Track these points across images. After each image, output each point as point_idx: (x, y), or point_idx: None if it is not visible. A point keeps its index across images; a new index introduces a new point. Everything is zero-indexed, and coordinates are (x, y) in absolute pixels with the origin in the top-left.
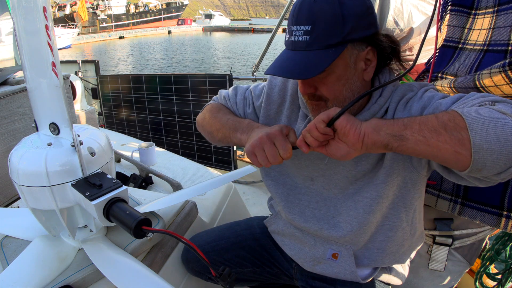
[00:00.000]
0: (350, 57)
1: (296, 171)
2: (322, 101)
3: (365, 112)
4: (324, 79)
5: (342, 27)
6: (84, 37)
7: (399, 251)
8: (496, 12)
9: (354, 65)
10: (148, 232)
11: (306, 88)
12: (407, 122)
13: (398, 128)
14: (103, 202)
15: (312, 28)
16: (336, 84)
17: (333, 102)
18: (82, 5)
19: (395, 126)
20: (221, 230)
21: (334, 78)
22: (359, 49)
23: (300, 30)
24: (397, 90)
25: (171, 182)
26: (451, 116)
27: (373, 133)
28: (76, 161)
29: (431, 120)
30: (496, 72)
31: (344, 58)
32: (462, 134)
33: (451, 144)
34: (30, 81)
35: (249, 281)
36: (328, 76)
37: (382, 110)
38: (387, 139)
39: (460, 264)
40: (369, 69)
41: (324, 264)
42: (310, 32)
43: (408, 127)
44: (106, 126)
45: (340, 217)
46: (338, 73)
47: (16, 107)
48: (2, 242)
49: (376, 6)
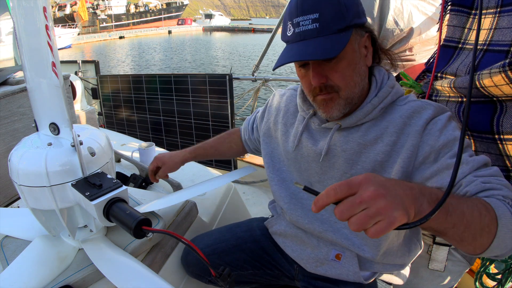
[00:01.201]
0: (355, 42)
1: (298, 175)
2: (334, 92)
3: (358, 112)
4: (335, 66)
5: (346, 13)
6: (84, 37)
7: (401, 257)
8: (498, 13)
9: (359, 50)
10: (148, 232)
11: (319, 78)
12: (457, 221)
13: (446, 226)
14: (103, 202)
15: (320, 15)
16: (347, 70)
17: (345, 91)
18: (82, 5)
19: (444, 224)
20: (221, 233)
21: (345, 64)
22: (360, 35)
23: (308, 19)
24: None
25: (171, 182)
26: (491, 219)
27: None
28: (76, 161)
29: (475, 223)
30: (496, 72)
31: (351, 43)
32: (489, 240)
33: (474, 247)
34: (30, 81)
35: (249, 283)
36: (340, 62)
37: (375, 111)
38: (428, 230)
39: (460, 264)
40: (368, 55)
41: (327, 265)
42: (319, 19)
43: (456, 227)
44: (106, 126)
45: (342, 223)
46: (348, 58)
47: (16, 107)
48: (2, 242)
49: (376, 6)
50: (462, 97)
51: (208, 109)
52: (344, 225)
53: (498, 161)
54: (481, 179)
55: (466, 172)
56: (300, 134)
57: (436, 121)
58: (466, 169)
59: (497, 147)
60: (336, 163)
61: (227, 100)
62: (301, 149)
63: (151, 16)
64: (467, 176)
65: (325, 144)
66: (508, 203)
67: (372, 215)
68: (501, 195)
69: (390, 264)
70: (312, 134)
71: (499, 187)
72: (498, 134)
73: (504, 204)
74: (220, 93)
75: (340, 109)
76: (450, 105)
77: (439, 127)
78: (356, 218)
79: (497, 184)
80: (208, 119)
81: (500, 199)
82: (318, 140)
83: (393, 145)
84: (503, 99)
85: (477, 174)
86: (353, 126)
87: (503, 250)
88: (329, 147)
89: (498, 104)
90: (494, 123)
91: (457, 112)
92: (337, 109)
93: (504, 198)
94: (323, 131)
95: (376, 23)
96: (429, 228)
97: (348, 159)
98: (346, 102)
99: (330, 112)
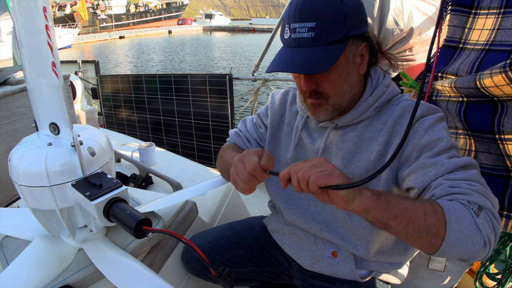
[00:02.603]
0: (350, 52)
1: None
2: (323, 99)
3: (353, 111)
4: (326, 75)
5: (344, 24)
6: (84, 37)
7: (398, 253)
8: (502, 14)
9: (353, 60)
10: (148, 232)
11: (309, 84)
12: (398, 213)
13: (387, 216)
14: (103, 202)
15: (317, 24)
16: (338, 80)
17: (334, 98)
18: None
19: (385, 213)
20: (221, 230)
21: (337, 74)
22: (357, 45)
23: (304, 27)
24: (400, 104)
25: (171, 182)
26: (438, 221)
27: (362, 212)
28: (76, 161)
29: (419, 220)
30: (496, 72)
31: (346, 54)
32: (437, 241)
33: (423, 245)
34: (30, 81)
35: (249, 280)
36: (331, 72)
37: (370, 110)
38: (371, 220)
39: (460, 264)
40: (363, 63)
41: (323, 263)
42: (315, 28)
43: (397, 218)
44: (106, 126)
45: (338, 223)
46: (340, 69)
47: (16, 107)
48: (2, 242)
49: (376, 6)
50: (463, 96)
51: (208, 109)
52: (339, 225)
53: (498, 161)
54: (449, 183)
55: (439, 174)
56: (299, 133)
57: (423, 120)
58: (440, 171)
59: (497, 147)
60: (333, 161)
61: (227, 100)
62: (301, 147)
63: (151, 16)
64: (438, 179)
65: (322, 143)
66: (471, 209)
67: (317, 166)
68: (466, 200)
69: (387, 263)
70: (310, 133)
71: (467, 192)
72: (499, 134)
73: (467, 209)
74: (220, 93)
75: (327, 114)
76: (450, 105)
77: (425, 127)
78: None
79: (466, 189)
80: (208, 119)
81: (464, 203)
82: (316, 139)
83: (385, 144)
84: (503, 99)
85: (449, 177)
86: (350, 125)
87: (462, 255)
88: (325, 146)
89: (499, 104)
90: (495, 123)
91: (458, 112)
92: (324, 114)
93: (469, 203)
94: (320, 130)
95: (376, 23)
96: (372, 218)
97: (344, 158)
98: (334, 108)
99: (317, 115)
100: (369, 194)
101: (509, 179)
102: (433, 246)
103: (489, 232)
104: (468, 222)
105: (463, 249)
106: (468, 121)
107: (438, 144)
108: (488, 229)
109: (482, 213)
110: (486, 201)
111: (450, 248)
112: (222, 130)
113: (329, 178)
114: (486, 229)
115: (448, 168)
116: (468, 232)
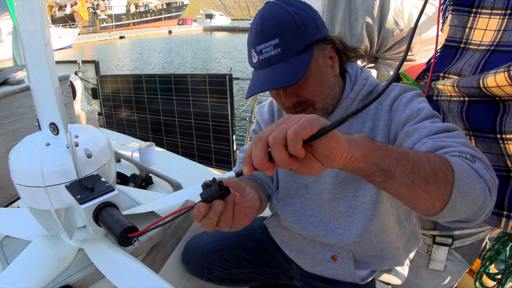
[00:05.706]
0: (319, 57)
1: (291, 180)
2: (309, 106)
3: (338, 109)
4: (304, 84)
5: (305, 32)
6: (84, 37)
7: (397, 253)
8: (509, 15)
9: (324, 64)
10: (134, 241)
11: (290, 98)
12: (400, 157)
13: (389, 161)
14: (93, 206)
15: (280, 40)
16: (316, 85)
17: (319, 103)
18: (83, 5)
19: (386, 158)
20: (221, 231)
21: (313, 80)
22: (323, 48)
23: (269, 46)
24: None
25: (171, 182)
26: (443, 164)
27: (361, 159)
28: (72, 163)
29: (424, 164)
30: (500, 72)
31: (315, 59)
32: (447, 188)
33: (432, 197)
34: (33, 81)
35: (249, 281)
36: (307, 80)
37: (354, 104)
38: (372, 170)
39: (460, 264)
40: (334, 64)
41: (323, 266)
42: (279, 44)
43: (401, 163)
44: (106, 126)
45: (337, 223)
46: (315, 74)
47: (16, 107)
48: (2, 242)
49: (376, 6)
50: (464, 96)
51: (208, 109)
52: (338, 225)
53: (499, 161)
54: (434, 141)
55: (422, 136)
56: None
57: (401, 98)
58: (423, 133)
59: (498, 146)
60: None
61: (227, 100)
62: None
63: (152, 16)
64: (422, 139)
65: None
66: (465, 157)
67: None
68: (456, 151)
69: (387, 263)
70: None
71: (454, 145)
72: (501, 134)
73: (461, 158)
74: (220, 93)
75: None
76: (452, 105)
77: (404, 102)
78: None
79: (452, 143)
80: (208, 119)
81: (455, 155)
82: None
83: (371, 131)
84: (506, 99)
85: (433, 138)
86: None
87: (471, 207)
88: None
89: (501, 103)
90: (497, 122)
91: (460, 111)
92: None
93: (460, 153)
94: None
95: (376, 23)
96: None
97: None
98: (323, 112)
99: None
100: (361, 135)
101: (509, 179)
102: (443, 197)
103: (490, 177)
104: (468, 168)
105: (472, 197)
106: (469, 121)
107: (420, 114)
108: (488, 175)
109: (477, 161)
110: (478, 153)
111: (461, 197)
112: (222, 130)
113: (311, 124)
114: (486, 175)
115: (431, 130)
116: (472, 177)
